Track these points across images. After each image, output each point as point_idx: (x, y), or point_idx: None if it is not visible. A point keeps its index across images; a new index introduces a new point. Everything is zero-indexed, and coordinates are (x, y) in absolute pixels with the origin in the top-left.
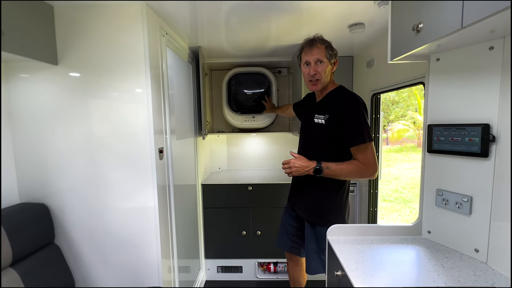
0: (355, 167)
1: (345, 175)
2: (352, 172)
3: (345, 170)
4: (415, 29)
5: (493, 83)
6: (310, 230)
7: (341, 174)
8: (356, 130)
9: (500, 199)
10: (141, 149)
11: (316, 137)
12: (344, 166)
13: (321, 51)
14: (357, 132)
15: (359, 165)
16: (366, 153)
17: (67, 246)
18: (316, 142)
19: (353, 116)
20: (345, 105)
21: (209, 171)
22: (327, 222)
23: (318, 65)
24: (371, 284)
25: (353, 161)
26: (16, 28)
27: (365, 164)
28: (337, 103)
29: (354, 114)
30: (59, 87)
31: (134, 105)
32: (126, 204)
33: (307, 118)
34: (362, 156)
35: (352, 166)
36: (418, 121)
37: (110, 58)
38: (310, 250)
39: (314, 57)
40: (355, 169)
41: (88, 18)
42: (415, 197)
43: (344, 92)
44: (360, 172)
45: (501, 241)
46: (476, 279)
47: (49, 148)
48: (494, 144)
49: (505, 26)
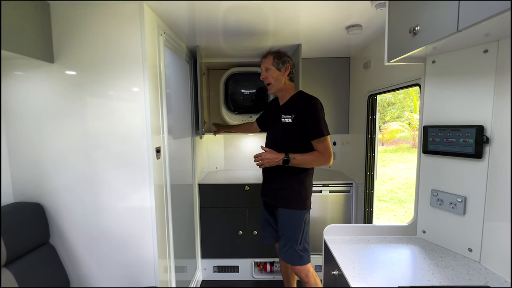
0: (315, 156)
1: (308, 163)
2: (313, 160)
3: (308, 159)
4: (412, 31)
5: (487, 85)
6: (281, 212)
7: (305, 162)
8: (317, 126)
9: (493, 199)
10: (138, 148)
11: (284, 133)
12: (306, 156)
13: (268, 60)
14: (317, 128)
15: (318, 155)
16: (324, 144)
17: (62, 246)
18: (284, 137)
19: (313, 115)
20: (306, 105)
21: (206, 170)
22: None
23: (267, 72)
24: (368, 284)
25: (313, 152)
26: (11, 25)
27: (323, 154)
28: (300, 104)
29: (314, 113)
30: (55, 86)
31: (131, 104)
32: (123, 203)
33: (275, 118)
34: (321, 146)
35: (313, 156)
36: (413, 122)
37: (107, 56)
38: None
39: (263, 66)
40: (315, 158)
41: (85, 16)
42: (409, 197)
43: (305, 95)
44: (320, 160)
45: (494, 241)
46: (470, 278)
47: (44, 147)
48: (487, 145)
49: (499, 29)
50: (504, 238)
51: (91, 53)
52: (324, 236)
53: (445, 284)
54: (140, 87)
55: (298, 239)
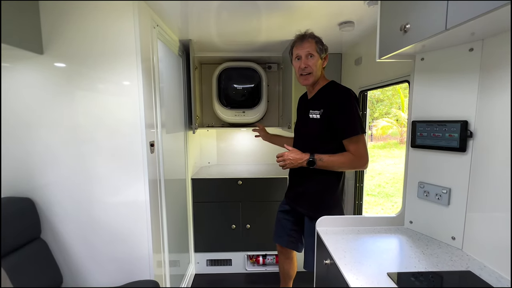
0: (347, 158)
1: (338, 166)
2: (345, 163)
3: (338, 162)
4: (403, 29)
5: (472, 82)
6: (310, 224)
7: (333, 165)
8: (349, 122)
9: (475, 190)
10: (132, 142)
11: (312, 132)
12: (336, 158)
13: (311, 45)
14: (349, 125)
15: (351, 157)
16: (358, 145)
17: (54, 241)
18: (312, 136)
19: (346, 110)
20: (338, 99)
21: (199, 165)
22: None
23: (309, 59)
24: (358, 271)
25: (345, 153)
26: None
27: (357, 156)
28: (330, 97)
29: (347, 107)
30: (45, 78)
31: (124, 97)
32: (117, 198)
33: (302, 115)
34: (354, 147)
35: (344, 157)
36: (401, 118)
37: (99, 49)
38: (310, 245)
39: (305, 50)
40: (347, 160)
41: (76, 5)
42: (396, 192)
43: (336, 87)
44: (352, 163)
45: (475, 229)
46: (453, 264)
47: (33, 141)
48: (471, 139)
49: (484, 29)
50: (484, 226)
51: (83, 44)
52: (316, 228)
53: (430, 270)
54: (134, 80)
55: None
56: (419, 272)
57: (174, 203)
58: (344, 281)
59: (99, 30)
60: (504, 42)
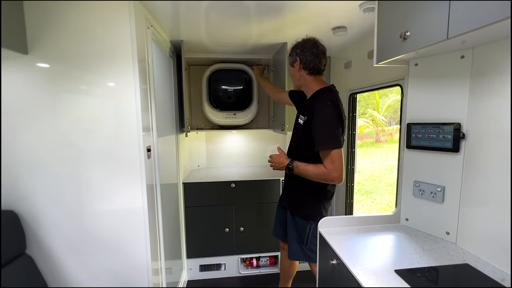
0: (319, 171)
1: (310, 176)
2: (316, 175)
3: (310, 172)
4: (402, 36)
5: (463, 87)
6: (291, 219)
7: (307, 174)
8: (320, 135)
9: (467, 188)
10: (128, 147)
11: (296, 136)
12: (310, 168)
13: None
14: (320, 138)
15: (322, 170)
16: (330, 159)
17: (40, 256)
18: (296, 141)
19: (322, 123)
20: (317, 110)
21: (188, 169)
22: (306, 214)
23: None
24: (367, 269)
25: (319, 165)
26: None
27: (328, 169)
28: (313, 106)
29: (324, 121)
30: (30, 79)
31: (120, 100)
32: (112, 206)
33: (296, 117)
34: (327, 162)
35: (316, 169)
36: (376, 118)
37: (94, 49)
38: (291, 237)
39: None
40: (318, 173)
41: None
42: (375, 189)
43: (320, 95)
44: (323, 176)
45: (467, 224)
46: (451, 258)
47: (17, 147)
48: (463, 140)
49: (474, 38)
50: (476, 221)
51: (73, 45)
52: (319, 229)
53: (432, 265)
54: (130, 82)
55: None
56: (423, 267)
57: (167, 208)
58: (354, 281)
59: (94, 31)
60: (493, 50)
